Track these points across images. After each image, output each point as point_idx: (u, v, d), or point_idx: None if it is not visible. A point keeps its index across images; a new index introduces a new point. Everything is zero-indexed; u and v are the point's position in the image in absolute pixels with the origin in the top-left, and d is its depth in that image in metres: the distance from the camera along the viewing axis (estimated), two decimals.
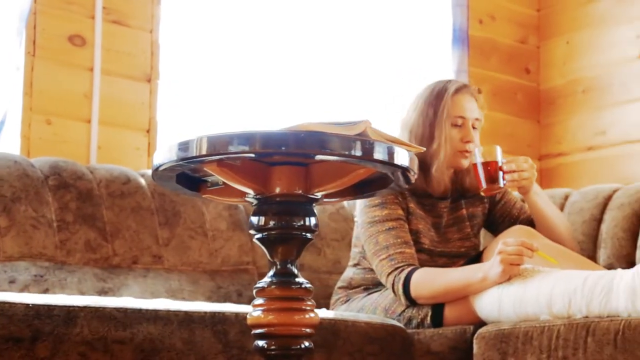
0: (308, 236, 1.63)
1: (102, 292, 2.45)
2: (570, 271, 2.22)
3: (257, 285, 1.63)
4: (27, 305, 1.78)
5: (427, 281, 2.37)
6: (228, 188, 1.68)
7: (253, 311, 1.62)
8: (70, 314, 1.81)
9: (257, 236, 1.64)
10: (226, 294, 2.68)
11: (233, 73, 3.24)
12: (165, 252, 2.65)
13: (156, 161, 1.61)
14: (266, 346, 1.60)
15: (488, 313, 2.30)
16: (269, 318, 1.59)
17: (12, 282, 2.34)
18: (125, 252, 2.57)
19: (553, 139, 3.90)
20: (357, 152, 1.51)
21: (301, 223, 1.61)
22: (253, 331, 1.62)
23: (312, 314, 1.62)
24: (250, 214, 1.66)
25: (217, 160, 1.54)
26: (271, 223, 1.60)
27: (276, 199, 1.61)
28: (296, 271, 1.64)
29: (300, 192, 1.60)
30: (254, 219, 1.62)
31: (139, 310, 1.90)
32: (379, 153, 1.53)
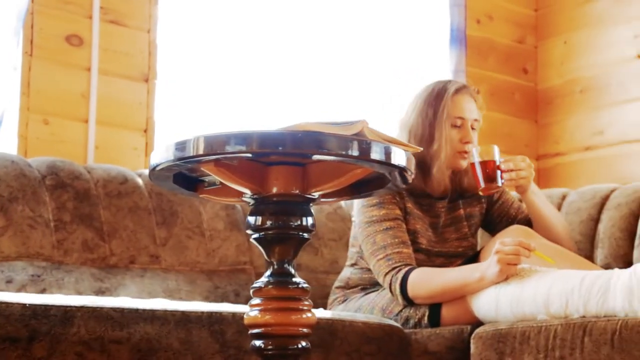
0: (305, 236, 1.63)
1: (100, 292, 2.45)
2: (567, 271, 2.22)
3: (254, 285, 1.63)
4: (24, 305, 1.78)
5: (425, 281, 2.37)
6: (225, 188, 1.68)
7: (250, 311, 1.62)
8: (67, 314, 1.81)
9: (254, 236, 1.64)
10: (223, 294, 2.68)
11: (230, 73, 3.24)
12: (162, 252, 2.64)
13: (153, 161, 1.60)
14: (263, 346, 1.60)
15: (485, 313, 2.30)
16: (266, 318, 1.59)
17: (10, 282, 2.34)
18: (122, 252, 2.57)
19: (551, 139, 3.90)
20: (354, 152, 1.51)
21: (298, 223, 1.61)
22: (250, 331, 1.62)
23: (309, 314, 1.62)
24: (247, 214, 1.66)
25: (214, 160, 1.54)
26: (268, 223, 1.60)
27: (273, 199, 1.61)
28: (293, 271, 1.63)
29: (297, 192, 1.60)
30: (251, 219, 1.62)
31: (136, 310, 1.90)
32: (376, 153, 1.53)
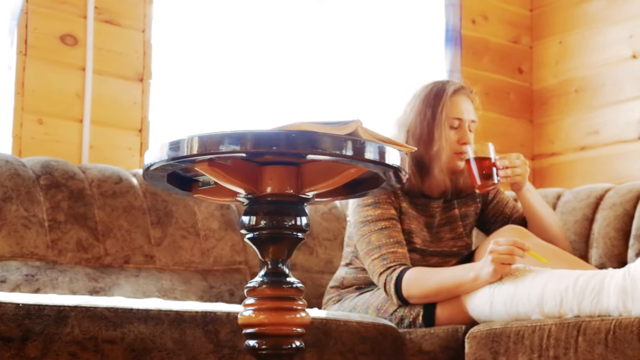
0: (299, 236, 1.63)
1: (94, 292, 2.44)
2: (561, 270, 2.22)
3: (248, 284, 1.63)
4: (18, 305, 1.77)
5: (419, 281, 2.37)
6: (219, 188, 1.68)
7: (244, 311, 1.62)
8: (60, 314, 1.81)
9: (248, 236, 1.63)
10: (218, 294, 2.67)
11: (225, 72, 3.24)
12: (157, 252, 2.64)
13: (147, 160, 1.60)
14: (257, 346, 1.60)
15: (479, 312, 2.30)
16: (260, 318, 1.59)
17: (3, 282, 2.34)
18: (117, 252, 2.57)
19: (546, 139, 3.91)
20: (349, 152, 1.51)
21: (292, 223, 1.61)
22: (244, 331, 1.62)
23: (303, 314, 1.62)
24: (241, 214, 1.66)
25: (208, 159, 1.54)
26: (262, 223, 1.60)
27: (267, 199, 1.61)
28: (287, 271, 1.63)
29: (291, 192, 1.60)
30: (245, 219, 1.62)
31: (130, 309, 1.90)
32: (370, 153, 1.53)
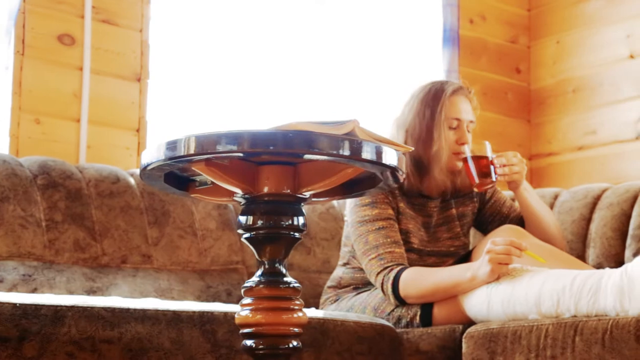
0: (296, 236, 1.63)
1: (91, 292, 2.44)
2: (558, 270, 2.22)
3: (246, 284, 1.63)
4: (15, 304, 1.77)
5: (416, 280, 2.37)
6: (216, 187, 1.68)
7: (241, 310, 1.62)
8: (57, 314, 1.81)
9: (245, 236, 1.63)
10: (215, 294, 2.67)
11: (223, 72, 3.24)
12: (154, 252, 2.64)
13: (144, 160, 1.60)
14: (254, 345, 1.60)
15: (477, 312, 2.30)
16: (257, 317, 1.59)
17: (0, 282, 2.34)
18: (114, 252, 2.57)
19: (543, 139, 3.91)
20: (346, 152, 1.51)
21: (289, 222, 1.61)
22: (241, 330, 1.62)
23: (300, 314, 1.62)
24: (239, 214, 1.66)
25: (205, 159, 1.54)
26: (259, 222, 1.60)
27: (264, 199, 1.61)
28: (284, 270, 1.63)
29: (288, 192, 1.60)
30: (242, 219, 1.62)
31: (127, 309, 1.90)
32: (367, 152, 1.53)
